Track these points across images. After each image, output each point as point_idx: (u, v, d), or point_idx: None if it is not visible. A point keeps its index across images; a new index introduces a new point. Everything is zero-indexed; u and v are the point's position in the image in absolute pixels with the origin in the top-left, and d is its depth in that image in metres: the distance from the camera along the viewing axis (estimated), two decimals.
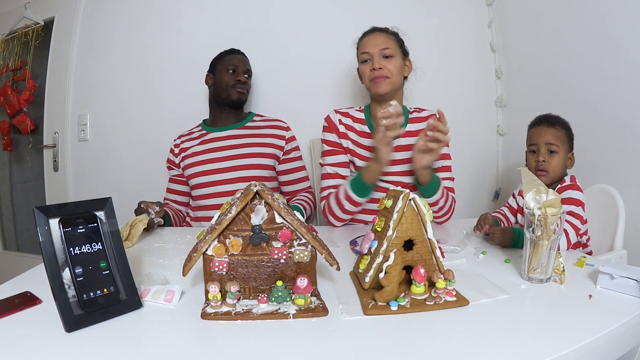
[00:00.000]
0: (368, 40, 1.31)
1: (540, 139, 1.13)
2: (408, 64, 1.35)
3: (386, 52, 1.27)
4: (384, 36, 1.30)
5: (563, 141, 1.12)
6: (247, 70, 1.61)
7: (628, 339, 0.68)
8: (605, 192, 1.28)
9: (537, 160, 1.14)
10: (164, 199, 1.62)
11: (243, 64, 1.60)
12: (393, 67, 1.27)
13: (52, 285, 0.62)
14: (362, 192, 1.25)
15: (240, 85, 1.56)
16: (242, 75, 1.58)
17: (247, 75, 1.60)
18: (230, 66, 1.57)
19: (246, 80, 1.59)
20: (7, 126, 2.28)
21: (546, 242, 0.80)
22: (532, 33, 1.78)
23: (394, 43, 1.30)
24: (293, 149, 1.63)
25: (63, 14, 2.05)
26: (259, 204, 0.70)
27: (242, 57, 1.62)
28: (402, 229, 0.73)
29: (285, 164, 1.60)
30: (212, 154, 1.53)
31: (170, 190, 1.62)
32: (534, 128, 1.18)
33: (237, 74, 1.57)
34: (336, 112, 1.40)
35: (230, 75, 1.57)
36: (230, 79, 1.56)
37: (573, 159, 1.15)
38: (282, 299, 0.69)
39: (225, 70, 1.57)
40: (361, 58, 1.32)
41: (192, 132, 1.62)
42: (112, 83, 2.00)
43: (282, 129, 1.61)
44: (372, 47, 1.28)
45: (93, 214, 0.69)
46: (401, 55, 1.31)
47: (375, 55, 1.27)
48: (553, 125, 1.14)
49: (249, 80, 1.62)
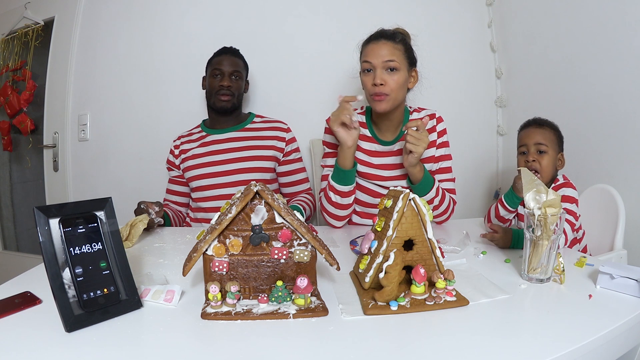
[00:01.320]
0: (372, 48, 1.21)
1: (530, 140, 1.15)
2: (414, 74, 1.27)
3: (390, 65, 1.19)
4: (390, 46, 1.20)
5: (552, 141, 1.13)
6: (234, 72, 1.52)
7: (628, 339, 0.68)
8: (605, 192, 1.28)
9: (526, 161, 1.15)
10: (163, 199, 1.60)
11: (230, 65, 1.52)
12: (395, 84, 1.19)
13: (52, 285, 0.62)
14: (342, 179, 1.24)
15: (223, 91, 1.49)
16: (228, 78, 1.50)
17: (235, 76, 1.52)
18: (216, 70, 1.51)
19: (231, 84, 1.51)
20: (7, 126, 2.28)
21: (546, 242, 0.80)
22: (532, 33, 1.78)
23: (401, 54, 1.21)
24: (293, 151, 1.60)
25: (63, 14, 2.05)
26: (259, 204, 0.70)
27: (229, 57, 1.54)
28: (402, 229, 0.73)
29: (285, 165, 1.58)
30: (212, 156, 1.52)
31: (170, 191, 1.61)
32: (523, 130, 1.20)
33: (222, 78, 1.50)
34: None
35: (215, 79, 1.51)
36: (215, 84, 1.50)
37: (563, 160, 1.16)
38: (282, 299, 0.69)
39: (212, 75, 1.52)
40: (363, 67, 1.24)
41: (191, 134, 1.60)
42: (112, 83, 2.00)
43: (283, 130, 1.58)
44: (375, 57, 1.19)
45: (93, 214, 0.69)
46: (407, 67, 1.23)
47: (377, 68, 1.19)
48: (541, 126, 1.16)
49: (240, 81, 1.55)
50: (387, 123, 1.32)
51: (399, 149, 1.32)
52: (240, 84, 1.55)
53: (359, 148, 1.35)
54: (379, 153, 1.34)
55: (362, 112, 1.39)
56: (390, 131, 1.34)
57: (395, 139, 1.33)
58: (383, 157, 1.34)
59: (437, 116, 1.34)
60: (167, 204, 1.58)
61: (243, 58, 1.61)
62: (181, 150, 1.56)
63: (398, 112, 1.31)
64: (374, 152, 1.34)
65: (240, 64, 1.57)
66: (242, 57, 1.61)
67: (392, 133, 1.34)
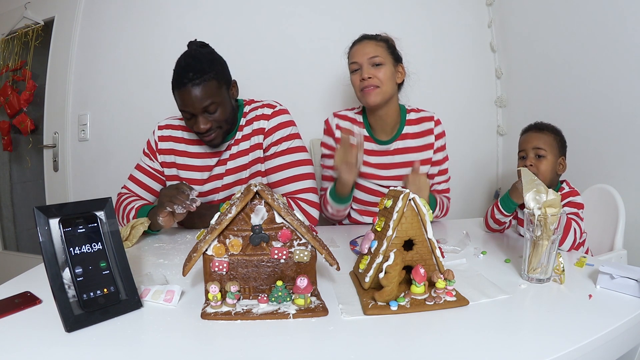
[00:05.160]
0: (356, 49, 1.28)
1: (528, 145, 1.15)
2: (401, 70, 1.30)
3: (375, 60, 1.24)
4: (372, 44, 1.26)
5: (552, 146, 1.13)
6: (208, 106, 1.13)
7: (628, 339, 0.68)
8: (605, 192, 1.28)
9: (525, 165, 1.15)
10: (123, 186, 1.33)
11: (198, 100, 1.11)
12: (383, 75, 1.24)
13: (52, 285, 0.62)
14: (339, 200, 1.29)
15: (203, 135, 1.18)
16: (202, 119, 1.14)
17: (211, 110, 1.14)
18: (184, 112, 1.16)
19: (209, 123, 1.15)
20: (7, 126, 2.28)
21: (546, 242, 0.80)
22: (532, 33, 1.78)
23: (384, 50, 1.26)
24: (279, 141, 1.25)
25: (63, 14, 2.05)
26: (259, 204, 0.70)
27: (193, 90, 1.10)
28: (402, 229, 0.73)
29: (271, 160, 1.26)
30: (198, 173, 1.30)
31: (137, 182, 1.31)
32: (523, 135, 1.20)
33: (195, 121, 1.15)
34: (335, 116, 1.38)
35: (188, 121, 1.18)
36: (189, 125, 1.18)
37: (564, 164, 1.16)
38: (282, 299, 0.69)
39: (183, 112, 1.16)
40: (351, 68, 1.30)
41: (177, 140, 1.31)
42: (112, 83, 2.00)
43: (264, 118, 1.26)
44: (360, 56, 1.25)
45: (93, 214, 0.69)
46: (392, 62, 1.27)
47: (364, 65, 1.25)
48: (541, 130, 1.16)
49: (220, 107, 1.16)
50: (381, 123, 1.32)
51: (395, 149, 1.33)
52: (223, 109, 1.17)
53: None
54: (376, 152, 1.34)
55: (359, 112, 1.39)
56: (386, 131, 1.34)
57: (391, 139, 1.33)
58: (380, 157, 1.34)
59: (436, 119, 1.34)
60: (125, 194, 1.31)
61: (211, 67, 1.14)
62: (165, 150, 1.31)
63: (392, 111, 1.31)
64: (371, 152, 1.34)
65: (210, 88, 1.12)
66: (209, 65, 1.14)
67: (388, 133, 1.34)
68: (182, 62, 1.16)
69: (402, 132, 1.33)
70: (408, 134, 1.33)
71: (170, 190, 1.09)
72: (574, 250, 1.03)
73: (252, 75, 1.75)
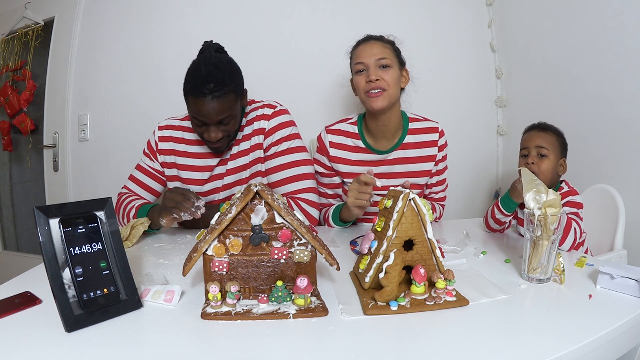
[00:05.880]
0: (363, 49, 1.22)
1: (531, 143, 1.15)
2: (405, 74, 1.27)
3: (383, 62, 1.19)
4: (380, 45, 1.22)
5: (554, 146, 1.13)
6: (223, 119, 1.14)
7: (628, 339, 0.68)
8: (605, 192, 1.28)
9: (526, 163, 1.15)
10: (124, 186, 1.33)
11: (215, 113, 1.11)
12: (390, 78, 1.19)
13: (52, 285, 0.62)
14: (343, 224, 1.28)
15: (212, 144, 1.19)
16: (215, 128, 1.15)
17: (225, 122, 1.15)
18: (196, 120, 1.15)
19: (220, 134, 1.16)
20: (7, 126, 2.28)
21: (546, 242, 0.80)
22: (532, 33, 1.78)
23: (391, 52, 1.22)
24: (280, 141, 1.25)
25: (63, 14, 2.05)
26: (259, 204, 0.70)
27: (213, 103, 1.10)
28: (402, 229, 0.73)
29: (272, 160, 1.26)
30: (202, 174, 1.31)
31: (138, 182, 1.31)
32: (526, 134, 1.20)
33: (207, 129, 1.15)
34: (328, 132, 1.33)
35: (198, 128, 1.17)
36: (198, 132, 1.18)
37: (565, 166, 1.16)
38: (282, 299, 0.69)
39: (194, 118, 1.15)
40: (355, 68, 1.24)
41: (177, 140, 1.31)
42: (112, 83, 2.00)
43: (264, 118, 1.26)
44: (367, 56, 1.20)
45: (93, 214, 0.69)
46: (398, 66, 1.23)
47: (371, 66, 1.19)
48: (544, 130, 1.16)
49: (232, 119, 1.17)
50: (383, 129, 1.28)
51: (394, 158, 1.31)
52: (235, 120, 1.18)
53: (351, 161, 1.32)
54: (374, 162, 1.32)
55: (354, 123, 1.34)
56: (387, 138, 1.30)
57: (391, 148, 1.30)
58: (378, 166, 1.31)
59: (440, 129, 1.32)
60: (126, 193, 1.31)
61: (231, 78, 1.14)
62: (166, 150, 1.31)
63: (395, 117, 1.27)
64: (369, 163, 1.31)
65: (228, 102, 1.12)
66: (229, 76, 1.14)
67: (389, 141, 1.30)
68: (202, 70, 1.12)
69: (403, 141, 1.30)
70: (409, 143, 1.30)
71: (177, 195, 1.08)
72: (574, 250, 1.03)
73: (252, 75, 1.73)
